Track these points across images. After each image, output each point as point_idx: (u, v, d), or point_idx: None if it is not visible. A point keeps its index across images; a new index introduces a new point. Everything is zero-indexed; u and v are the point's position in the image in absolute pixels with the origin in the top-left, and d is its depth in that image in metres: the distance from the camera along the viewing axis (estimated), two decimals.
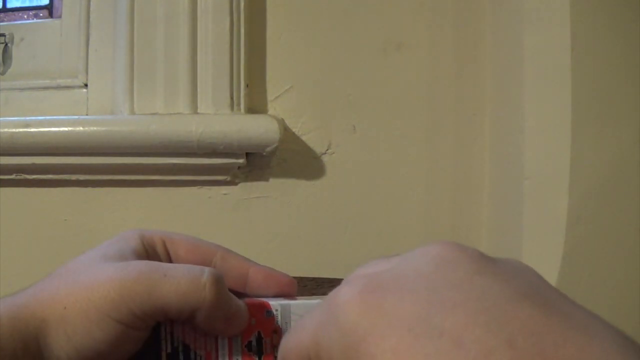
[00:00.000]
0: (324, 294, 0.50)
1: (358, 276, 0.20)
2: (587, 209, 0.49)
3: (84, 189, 0.67)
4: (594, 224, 0.49)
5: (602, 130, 0.49)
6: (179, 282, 0.25)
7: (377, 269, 0.21)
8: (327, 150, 0.66)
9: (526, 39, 0.51)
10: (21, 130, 0.63)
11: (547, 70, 0.50)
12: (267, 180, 0.66)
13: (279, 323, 0.28)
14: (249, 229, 0.66)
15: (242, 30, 0.63)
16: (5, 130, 0.63)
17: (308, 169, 0.66)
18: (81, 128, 0.62)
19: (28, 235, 0.67)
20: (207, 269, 0.26)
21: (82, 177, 0.66)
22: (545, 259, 0.49)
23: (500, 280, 0.18)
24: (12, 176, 0.66)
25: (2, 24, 0.76)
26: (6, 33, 0.72)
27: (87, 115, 0.68)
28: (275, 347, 0.28)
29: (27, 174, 0.66)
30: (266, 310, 0.28)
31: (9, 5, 0.79)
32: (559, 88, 0.49)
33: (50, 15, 0.76)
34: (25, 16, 0.78)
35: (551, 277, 0.48)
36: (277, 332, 0.28)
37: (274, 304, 0.29)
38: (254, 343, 0.28)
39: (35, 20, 0.76)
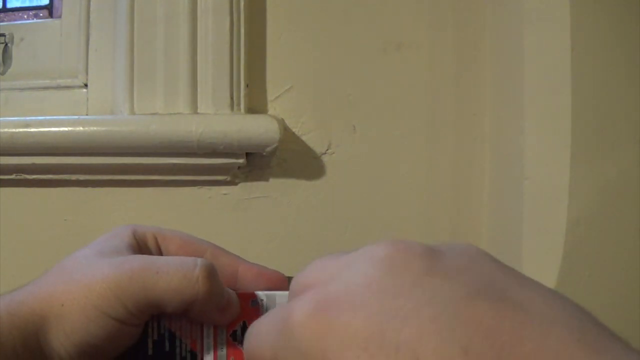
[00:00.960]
0: None
1: (307, 291, 0.20)
2: (587, 209, 0.49)
3: (84, 189, 0.67)
4: (594, 225, 0.49)
5: (602, 130, 0.49)
6: (172, 278, 0.26)
7: (324, 275, 0.20)
8: (327, 150, 0.66)
9: (526, 39, 0.51)
10: (21, 130, 0.63)
11: (547, 70, 0.50)
12: (267, 180, 0.66)
13: (264, 312, 0.28)
14: (249, 229, 0.66)
15: (242, 30, 0.63)
16: (5, 130, 0.63)
17: (308, 169, 0.66)
18: (81, 128, 0.62)
19: (28, 235, 0.67)
20: (199, 261, 0.27)
21: (82, 177, 0.66)
22: (545, 259, 0.49)
23: (451, 278, 0.18)
24: (12, 176, 0.66)
25: (2, 24, 0.76)
26: (6, 33, 0.72)
27: (87, 115, 0.68)
28: None
29: (27, 174, 0.66)
30: (251, 300, 0.29)
31: (9, 5, 0.79)
32: (559, 88, 0.49)
33: (50, 15, 0.76)
34: (25, 16, 0.78)
35: (551, 277, 0.48)
36: None
37: (260, 293, 0.29)
38: (238, 332, 0.28)
39: (35, 20, 0.76)
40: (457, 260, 0.19)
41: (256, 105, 0.65)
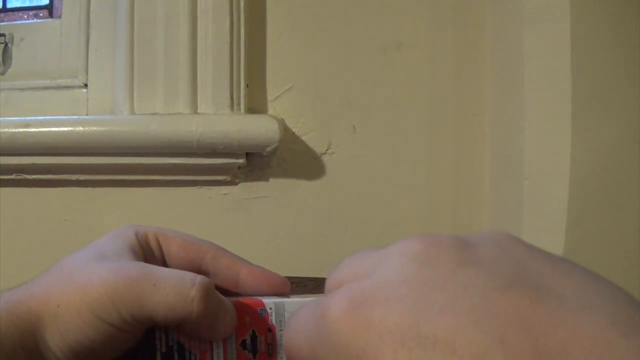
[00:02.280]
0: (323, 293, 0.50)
1: (343, 287, 0.20)
2: (587, 209, 0.49)
3: (84, 189, 0.67)
4: (594, 224, 0.49)
5: (602, 130, 0.49)
6: (168, 294, 0.26)
7: (358, 270, 0.21)
8: (327, 150, 0.66)
9: (526, 39, 0.51)
10: (21, 130, 0.63)
11: (547, 70, 0.50)
12: (267, 180, 0.66)
13: (273, 321, 0.28)
14: (249, 229, 0.66)
15: (242, 30, 0.63)
16: (5, 130, 0.63)
17: (308, 169, 0.66)
18: (81, 128, 0.62)
19: (28, 235, 0.67)
20: (198, 280, 0.26)
21: (82, 177, 0.66)
22: None
23: (484, 269, 0.18)
24: (12, 176, 0.66)
25: (2, 24, 0.76)
26: (6, 33, 0.72)
27: (87, 115, 0.68)
28: (269, 344, 0.28)
29: (27, 174, 0.66)
30: (260, 309, 0.28)
31: (9, 5, 0.79)
32: (559, 88, 0.49)
33: (50, 15, 0.76)
34: (25, 16, 0.78)
35: None
36: (271, 330, 0.28)
37: (268, 302, 0.29)
38: (248, 341, 0.28)
39: (35, 20, 0.76)
40: (489, 250, 0.19)
41: (256, 105, 0.65)
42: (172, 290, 0.26)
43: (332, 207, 0.66)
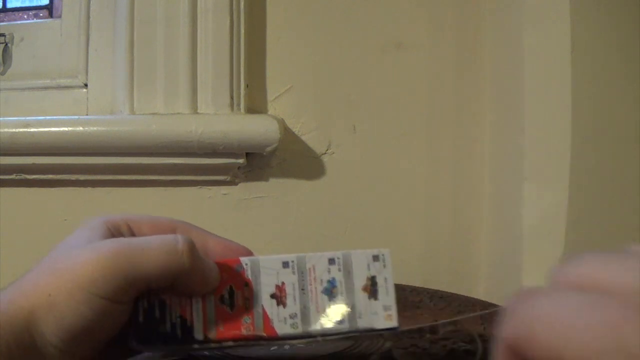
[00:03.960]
0: None
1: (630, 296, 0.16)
2: (587, 209, 0.49)
3: (84, 189, 0.67)
4: (594, 224, 0.49)
5: (602, 130, 0.49)
6: (159, 253, 0.27)
7: (620, 273, 0.17)
8: (327, 150, 0.66)
9: (526, 39, 0.51)
10: (21, 130, 0.63)
11: (547, 70, 0.50)
12: (267, 180, 0.66)
13: (249, 276, 0.30)
14: (249, 229, 0.66)
15: (242, 30, 0.63)
16: (5, 130, 0.63)
17: (308, 169, 0.66)
18: (81, 128, 0.62)
19: (28, 235, 0.67)
20: (179, 237, 0.28)
21: (82, 177, 0.66)
22: (545, 259, 0.49)
23: None
24: (12, 176, 0.66)
25: (2, 24, 0.76)
26: (6, 33, 0.72)
27: (87, 115, 0.68)
28: (246, 299, 0.29)
29: (27, 174, 0.66)
30: (236, 265, 0.30)
31: (9, 5, 0.79)
32: (559, 88, 0.49)
33: (50, 15, 0.76)
34: (25, 16, 0.78)
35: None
36: (248, 285, 0.29)
37: (244, 259, 0.30)
38: (226, 296, 0.29)
39: (35, 20, 0.76)
40: None
41: (256, 105, 0.66)
42: (162, 249, 0.27)
43: (332, 207, 0.66)
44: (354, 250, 0.31)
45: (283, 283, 0.29)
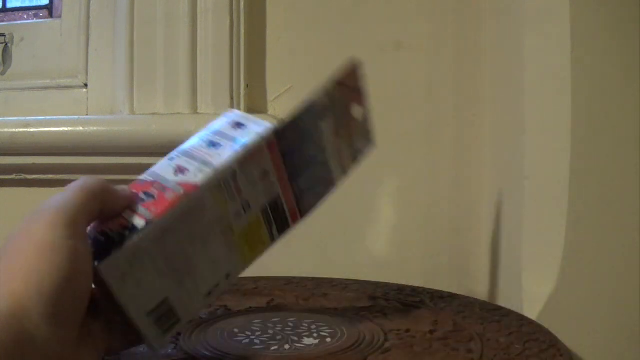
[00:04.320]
0: (324, 294, 0.50)
1: None
2: (587, 209, 0.49)
3: None
4: (594, 224, 0.49)
5: (602, 130, 0.49)
6: (76, 188, 0.32)
7: None
8: None
9: (526, 39, 0.51)
10: (21, 130, 0.63)
11: (547, 70, 0.50)
12: None
13: (150, 178, 0.35)
14: None
15: (242, 30, 0.63)
16: (5, 130, 0.63)
17: None
18: (81, 128, 0.62)
19: None
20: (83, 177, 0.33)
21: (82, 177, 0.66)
22: (545, 259, 0.49)
23: None
24: (12, 176, 0.66)
25: (2, 24, 0.76)
26: (6, 33, 0.73)
27: (87, 115, 0.68)
28: (159, 188, 0.33)
29: (27, 174, 0.66)
30: (140, 182, 0.35)
31: (9, 5, 0.79)
32: (559, 88, 0.49)
33: (50, 15, 0.76)
34: (25, 16, 0.78)
35: (551, 277, 0.48)
36: (154, 184, 0.34)
37: (142, 176, 0.35)
38: (142, 196, 0.33)
39: (35, 20, 0.76)
40: None
41: (256, 105, 0.65)
42: (76, 185, 0.33)
43: (332, 207, 0.66)
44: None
45: (179, 165, 0.35)
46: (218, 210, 0.33)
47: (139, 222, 0.31)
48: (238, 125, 0.36)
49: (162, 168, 0.35)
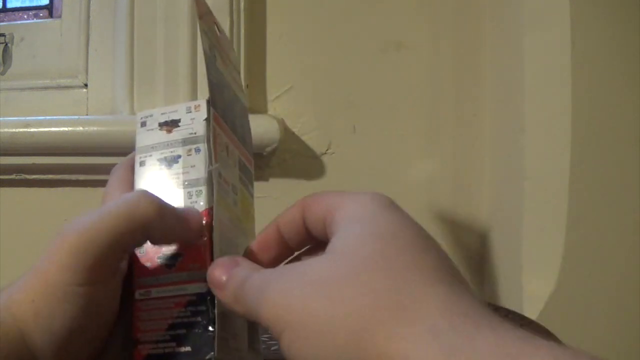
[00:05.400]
0: None
1: None
2: (587, 209, 0.49)
3: (84, 189, 0.67)
4: (594, 224, 0.49)
5: (602, 130, 0.49)
6: (119, 215, 0.25)
7: None
8: (327, 150, 0.66)
9: (526, 40, 0.51)
10: (21, 130, 0.63)
11: (547, 70, 0.50)
12: (267, 180, 0.66)
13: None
14: None
15: (242, 30, 0.63)
16: (5, 130, 0.63)
17: (308, 169, 0.66)
18: (81, 128, 0.62)
19: (28, 235, 0.67)
20: (134, 192, 0.28)
21: (82, 177, 0.66)
22: (545, 259, 0.49)
23: None
24: (12, 176, 0.66)
25: (2, 24, 0.76)
26: (6, 33, 0.72)
27: (87, 115, 0.68)
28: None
29: (27, 174, 0.66)
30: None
31: (9, 5, 0.79)
32: (559, 88, 0.49)
33: (50, 15, 0.76)
34: (25, 16, 0.78)
35: (551, 277, 0.48)
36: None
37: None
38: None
39: (35, 20, 0.76)
40: None
41: (256, 106, 0.65)
42: (121, 209, 0.26)
43: None
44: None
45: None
46: (228, 213, 0.30)
47: (200, 288, 0.27)
48: (172, 123, 0.32)
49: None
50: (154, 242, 0.27)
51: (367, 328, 0.19)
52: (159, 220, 0.26)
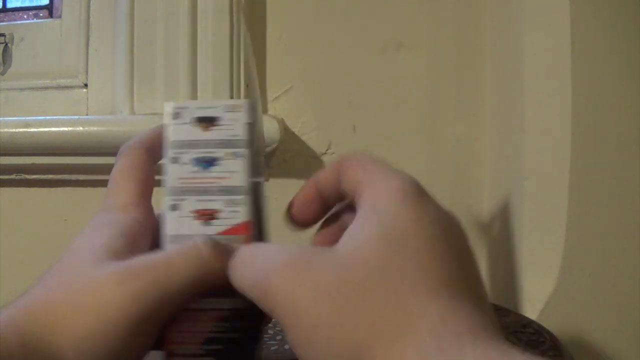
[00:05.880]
0: None
1: None
2: (587, 209, 0.49)
3: (84, 189, 0.67)
4: (594, 224, 0.49)
5: (602, 130, 0.49)
6: (183, 269, 0.25)
7: None
8: (327, 150, 0.66)
9: (526, 39, 0.51)
10: (21, 130, 0.63)
11: (547, 70, 0.50)
12: (267, 180, 0.66)
13: None
14: None
15: (242, 30, 0.63)
16: (5, 130, 0.63)
17: (308, 169, 0.66)
18: (81, 128, 0.62)
19: (28, 235, 0.67)
20: (198, 241, 0.26)
21: (82, 177, 0.66)
22: (545, 259, 0.49)
23: None
24: (12, 176, 0.66)
25: (2, 24, 0.76)
26: (6, 33, 0.72)
27: (87, 115, 0.68)
28: None
29: (27, 174, 0.66)
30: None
31: (9, 5, 0.79)
32: (559, 88, 0.49)
33: (50, 15, 0.76)
34: (25, 16, 0.78)
35: (551, 277, 0.48)
36: None
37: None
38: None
39: (35, 20, 0.76)
40: None
41: None
42: (186, 263, 0.25)
43: None
44: None
45: (197, 210, 0.28)
46: (268, 227, 0.29)
47: (240, 303, 0.26)
48: (210, 121, 0.29)
49: (177, 226, 0.27)
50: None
51: (369, 345, 0.20)
52: (220, 277, 0.25)
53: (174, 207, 0.28)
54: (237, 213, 0.27)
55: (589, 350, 0.47)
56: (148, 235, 0.29)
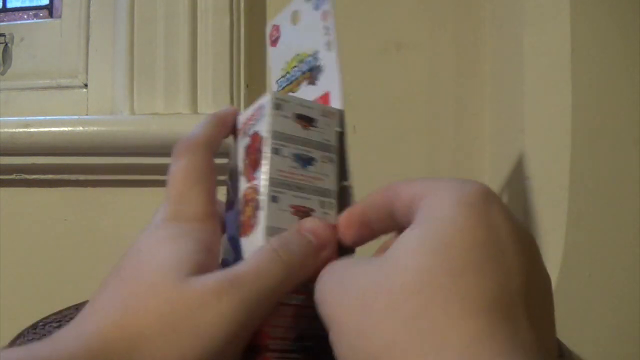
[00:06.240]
0: None
1: None
2: (587, 209, 0.49)
3: (84, 189, 0.67)
4: (594, 224, 0.49)
5: (602, 130, 0.49)
6: (267, 277, 0.24)
7: None
8: None
9: (526, 39, 0.51)
10: (21, 130, 0.63)
11: (547, 70, 0.50)
12: None
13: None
14: None
15: (242, 30, 0.63)
16: (5, 130, 0.63)
17: None
18: (81, 128, 0.62)
19: (28, 235, 0.67)
20: (269, 245, 0.25)
21: (82, 177, 0.66)
22: (545, 259, 0.49)
23: None
24: (12, 176, 0.66)
25: (2, 24, 0.76)
26: (6, 33, 0.72)
27: (87, 115, 0.68)
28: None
29: (27, 174, 0.66)
30: None
31: (9, 5, 0.79)
32: (559, 88, 0.49)
33: (50, 15, 0.76)
34: (25, 16, 0.78)
35: (551, 277, 0.48)
36: None
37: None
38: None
39: (35, 20, 0.76)
40: None
41: None
42: (265, 271, 0.24)
43: None
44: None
45: (294, 206, 0.28)
46: None
47: None
48: (307, 120, 0.29)
49: (276, 219, 0.27)
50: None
51: (396, 357, 0.19)
52: (305, 270, 0.26)
53: (274, 199, 0.27)
54: (328, 216, 0.28)
55: (589, 350, 0.47)
56: (219, 242, 0.28)
